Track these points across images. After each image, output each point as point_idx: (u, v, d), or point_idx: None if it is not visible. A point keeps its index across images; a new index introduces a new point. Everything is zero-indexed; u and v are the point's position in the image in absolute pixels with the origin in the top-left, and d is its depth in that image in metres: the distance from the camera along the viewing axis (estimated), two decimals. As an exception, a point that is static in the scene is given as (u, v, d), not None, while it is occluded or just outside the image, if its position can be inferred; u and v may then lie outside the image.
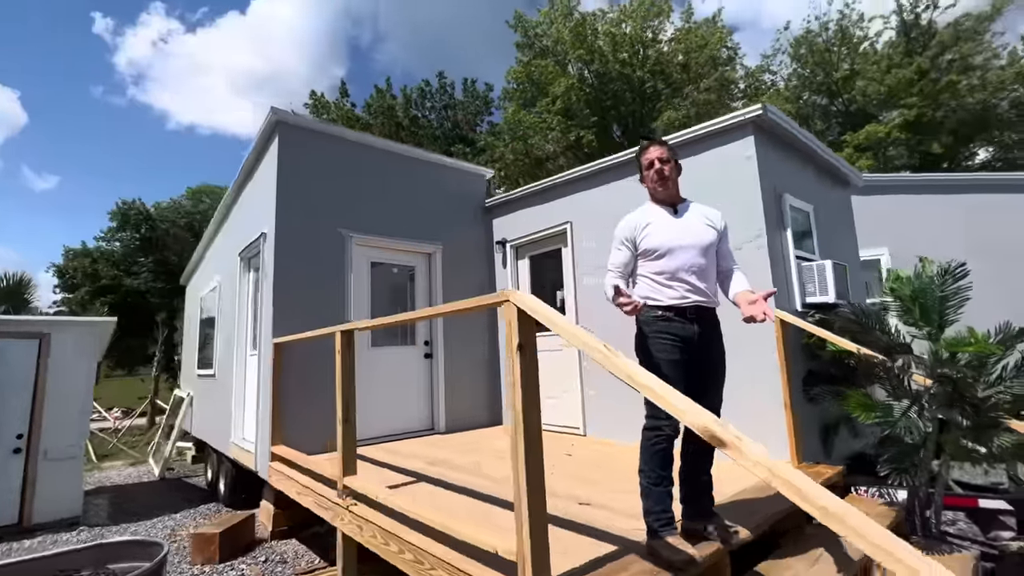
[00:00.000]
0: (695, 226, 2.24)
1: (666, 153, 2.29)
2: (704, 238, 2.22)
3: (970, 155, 20.38)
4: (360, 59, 56.51)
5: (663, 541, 1.93)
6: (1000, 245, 6.58)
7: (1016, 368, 2.64)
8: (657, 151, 2.29)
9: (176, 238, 35.42)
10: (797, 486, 1.10)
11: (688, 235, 2.21)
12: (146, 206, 35.98)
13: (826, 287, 3.81)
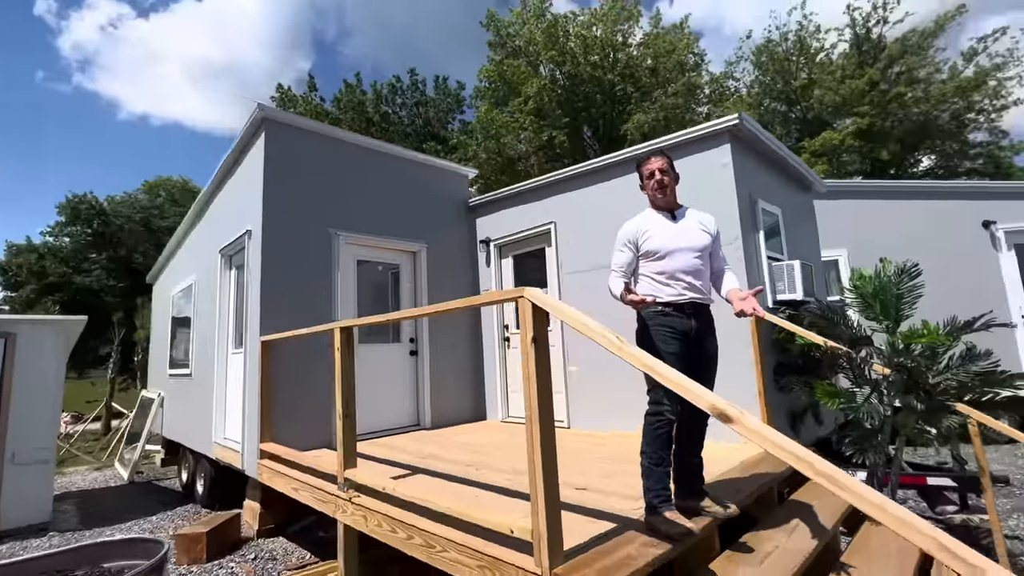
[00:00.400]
0: (691, 231, 2.44)
1: (667, 164, 2.48)
2: (699, 241, 2.42)
3: (915, 162, 21.72)
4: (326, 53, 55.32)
5: (662, 516, 2.11)
6: (944, 246, 7.14)
7: (961, 357, 2.97)
8: (658, 162, 2.48)
9: (132, 233, 33.95)
10: (794, 452, 1.28)
11: (685, 239, 2.40)
12: (99, 200, 34.32)
13: (795, 285, 4.11)
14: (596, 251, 4.80)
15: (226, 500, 5.73)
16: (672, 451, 2.26)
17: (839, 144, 19.42)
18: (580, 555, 1.95)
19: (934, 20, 19.44)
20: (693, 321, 2.33)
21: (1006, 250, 7.03)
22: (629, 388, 3.92)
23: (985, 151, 20.22)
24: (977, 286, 6.95)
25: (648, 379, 2.30)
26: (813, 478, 1.25)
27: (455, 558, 2.24)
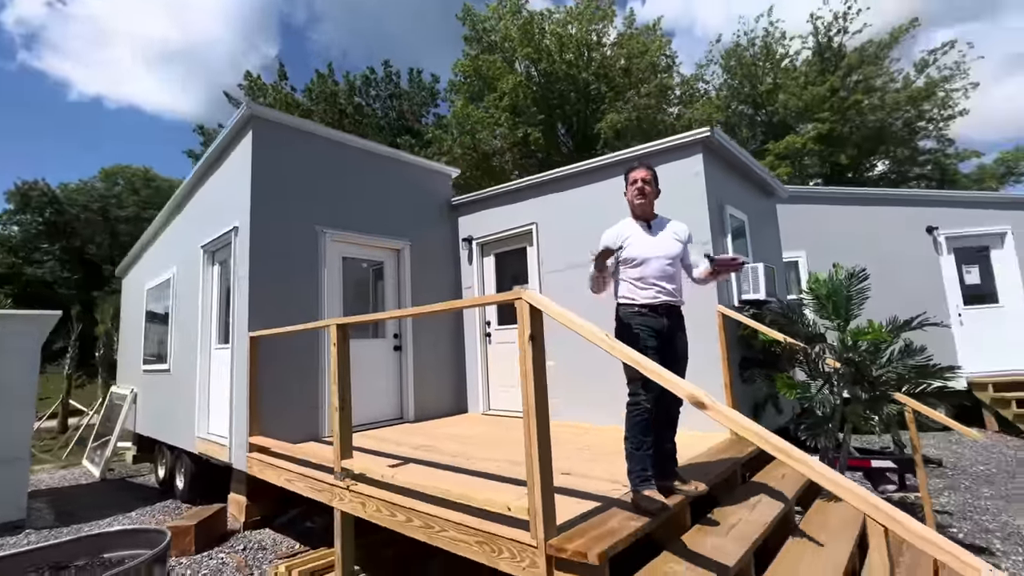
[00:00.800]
0: (665, 240, 2.71)
1: (650, 176, 2.74)
2: (672, 250, 2.70)
3: (870, 166, 22.87)
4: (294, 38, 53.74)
5: (642, 494, 2.38)
6: (894, 249, 7.71)
7: (901, 352, 3.35)
8: (643, 172, 2.75)
9: (88, 223, 32.50)
10: (756, 431, 1.54)
11: (659, 248, 2.68)
12: (51, 187, 32.68)
13: (758, 286, 4.46)
14: (575, 251, 5.05)
15: (207, 494, 5.76)
16: (651, 436, 2.52)
17: (801, 148, 20.30)
18: (570, 529, 2.19)
19: (889, 32, 20.49)
20: (666, 320, 2.61)
21: (946, 254, 7.66)
22: (603, 382, 4.20)
23: (933, 158, 21.49)
24: (922, 287, 7.55)
25: (627, 372, 2.57)
26: (771, 452, 1.51)
27: (454, 536, 2.45)
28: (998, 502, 4.50)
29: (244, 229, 4.77)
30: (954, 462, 5.79)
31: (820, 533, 2.79)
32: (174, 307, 6.49)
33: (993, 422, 7.05)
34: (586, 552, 1.94)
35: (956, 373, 3.30)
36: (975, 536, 3.81)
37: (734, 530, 2.50)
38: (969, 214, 7.73)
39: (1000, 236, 7.63)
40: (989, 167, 22.19)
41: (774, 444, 1.54)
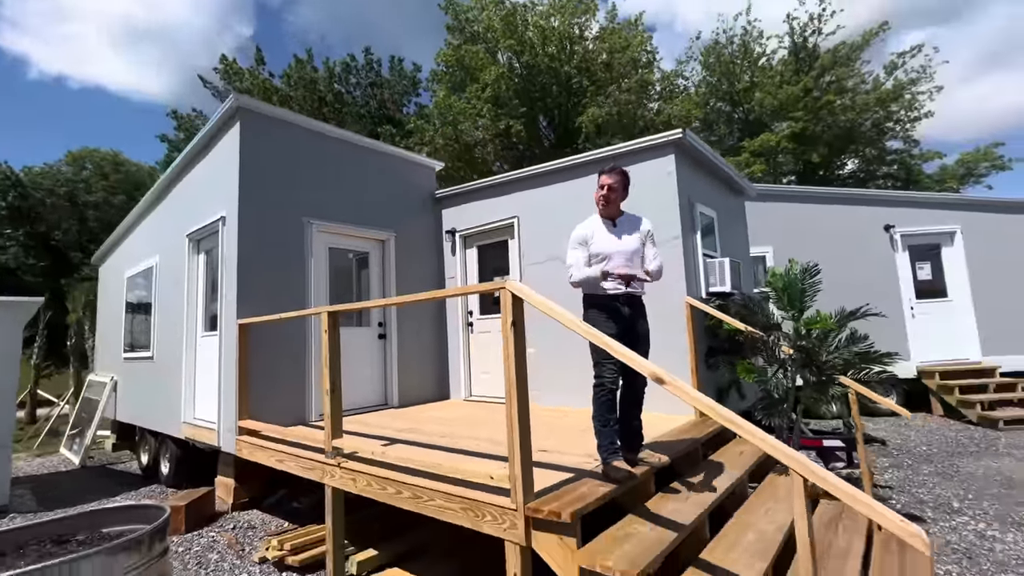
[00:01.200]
0: (626, 238, 2.97)
1: (618, 183, 2.98)
2: (631, 246, 2.96)
3: (841, 165, 23.66)
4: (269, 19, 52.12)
5: (611, 464, 2.65)
6: (855, 245, 8.17)
7: (846, 340, 3.69)
8: (610, 179, 2.98)
9: (54, 208, 31.43)
10: (703, 401, 1.81)
11: (621, 244, 2.94)
12: (14, 170, 31.44)
13: (724, 279, 4.77)
14: (555, 245, 5.29)
15: (193, 479, 5.88)
16: (616, 413, 2.79)
17: (775, 145, 20.90)
18: (546, 495, 2.44)
19: (861, 35, 21.15)
20: (627, 309, 2.88)
21: (901, 250, 8.15)
22: (580, 370, 4.43)
23: (899, 158, 22.36)
24: (879, 281, 8.03)
25: (593, 356, 2.83)
26: (718, 420, 1.78)
27: (441, 505, 2.69)
28: (935, 478, 4.94)
29: (232, 219, 4.87)
30: (900, 444, 6.26)
31: (769, 501, 3.11)
32: (157, 295, 6.53)
33: (939, 407, 7.60)
34: (560, 512, 2.19)
35: (895, 359, 3.65)
36: (911, 507, 4.22)
37: (692, 497, 2.79)
38: (924, 214, 8.23)
39: (951, 235, 8.15)
40: (950, 168, 23.11)
41: (721, 414, 1.81)
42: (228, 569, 3.73)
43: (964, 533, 3.71)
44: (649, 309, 3.10)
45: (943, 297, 8.14)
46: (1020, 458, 5.51)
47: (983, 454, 5.71)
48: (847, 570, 2.65)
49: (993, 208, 8.27)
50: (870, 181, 22.89)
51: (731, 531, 2.72)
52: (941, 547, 3.51)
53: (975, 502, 4.30)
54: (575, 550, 2.17)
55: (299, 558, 3.62)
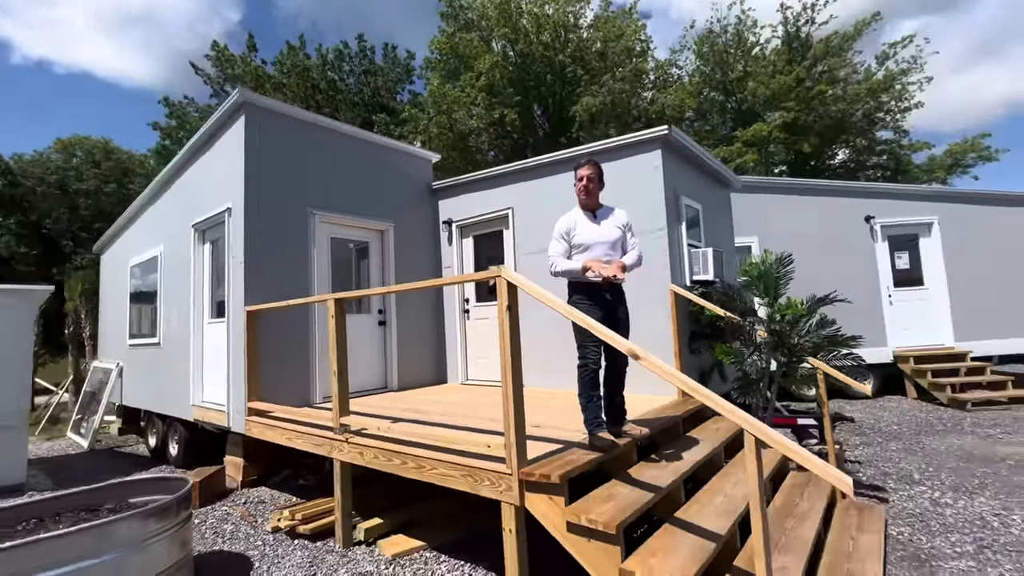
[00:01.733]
0: (607, 228, 3.23)
1: (595, 173, 3.23)
2: (612, 236, 3.22)
3: (832, 155, 23.94)
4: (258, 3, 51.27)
5: (596, 435, 2.94)
6: (837, 235, 8.48)
7: (816, 325, 3.98)
8: (588, 171, 3.24)
9: (45, 197, 31.20)
10: (675, 375, 2.09)
11: (602, 235, 3.21)
12: (3, 158, 31.14)
13: (707, 268, 5.05)
14: (547, 236, 5.50)
15: (201, 459, 6.14)
16: (599, 390, 3.08)
17: (768, 135, 21.11)
18: (538, 462, 2.73)
19: (853, 25, 21.31)
20: (608, 295, 3.14)
21: (881, 241, 8.47)
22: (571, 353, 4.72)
23: (889, 148, 22.66)
24: (859, 270, 8.36)
25: (577, 338, 3.10)
26: (686, 390, 2.06)
27: (443, 472, 2.98)
28: (901, 453, 5.30)
29: (238, 210, 5.08)
30: (873, 424, 6.63)
31: (740, 471, 3.42)
32: (163, 283, 6.74)
33: (912, 390, 7.98)
34: (550, 475, 2.48)
35: (861, 342, 3.94)
36: (875, 479, 4.57)
37: (670, 466, 3.09)
38: (903, 205, 8.54)
39: (928, 226, 8.48)
40: (939, 158, 23.48)
41: (689, 385, 2.09)
42: (243, 538, 4.01)
43: (920, 501, 4.06)
44: (635, 296, 3.38)
45: (920, 285, 8.48)
46: (982, 436, 5.88)
47: (948, 432, 6.08)
48: (806, 527, 2.97)
49: (968, 200, 8.59)
50: (860, 171, 23.21)
51: (703, 496, 3.02)
52: (897, 513, 3.85)
53: (934, 474, 4.65)
54: (563, 507, 2.46)
55: (310, 527, 3.91)
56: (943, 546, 3.29)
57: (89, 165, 32.37)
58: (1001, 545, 3.26)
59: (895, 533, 3.50)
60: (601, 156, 5.22)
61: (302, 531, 3.89)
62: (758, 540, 1.88)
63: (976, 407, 7.15)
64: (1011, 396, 7.30)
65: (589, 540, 2.36)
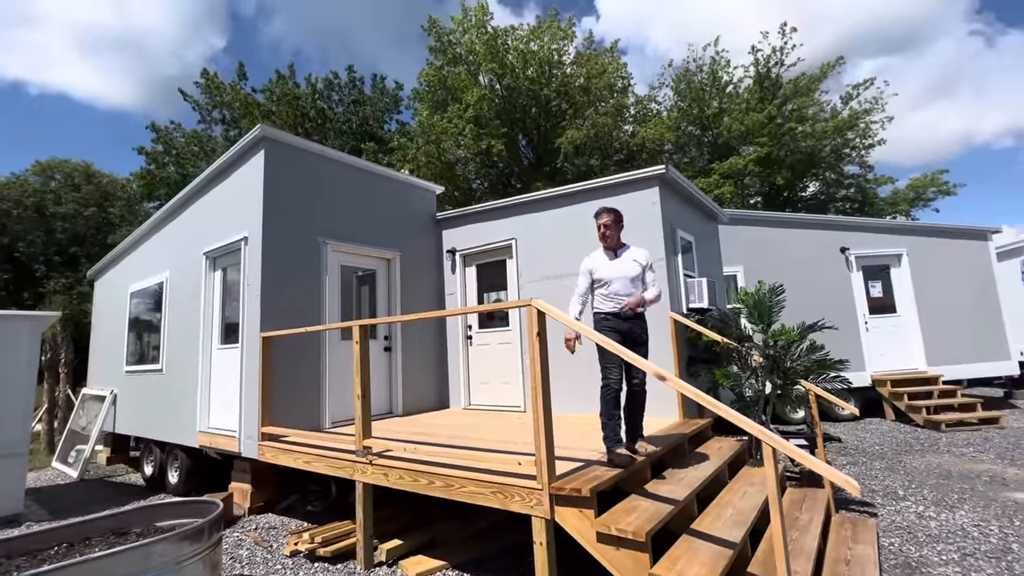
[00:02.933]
0: (625, 265, 3.56)
1: (611, 220, 3.60)
2: (631, 272, 3.55)
3: (803, 187, 25.13)
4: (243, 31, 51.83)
5: (615, 452, 3.17)
6: (816, 266, 8.99)
7: (807, 349, 4.32)
8: (604, 218, 3.61)
9: (20, 219, 30.52)
10: (697, 393, 2.35)
11: (620, 271, 3.53)
12: (-22, 180, 30.50)
13: (702, 297, 5.39)
14: (549, 265, 5.85)
15: (203, 487, 6.11)
16: (620, 410, 3.33)
17: (743, 168, 22.14)
18: (564, 478, 2.94)
19: (819, 67, 22.75)
20: (627, 324, 3.43)
21: (856, 271, 9.02)
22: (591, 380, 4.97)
23: (856, 182, 23.94)
24: (838, 298, 8.85)
25: (601, 362, 3.36)
26: (705, 405, 2.32)
27: (472, 490, 3.15)
28: (885, 472, 5.62)
29: (255, 239, 5.26)
30: (857, 444, 6.97)
31: (745, 486, 3.67)
32: (168, 309, 6.78)
33: (891, 412, 8.39)
34: (580, 488, 2.69)
35: (847, 366, 4.29)
36: (863, 496, 4.86)
37: (682, 481, 3.32)
38: (875, 238, 9.14)
39: (898, 257, 9.07)
40: (902, 192, 24.87)
41: (705, 398, 2.35)
42: (261, 562, 4.06)
43: (906, 515, 4.35)
44: (639, 323, 3.67)
45: (893, 312, 9.01)
46: (957, 455, 6.26)
47: (927, 452, 6.45)
48: (808, 538, 3.22)
49: (934, 233, 9.24)
50: (830, 203, 24.38)
51: (714, 509, 3.25)
52: (887, 526, 4.12)
53: (917, 490, 4.96)
54: (593, 519, 2.66)
55: (329, 549, 3.99)
56: (930, 555, 3.56)
57: (68, 188, 31.91)
58: (983, 553, 3.55)
59: (886, 544, 3.77)
60: (603, 192, 5.60)
61: (322, 553, 3.96)
62: (778, 537, 2.11)
63: (950, 428, 7.57)
64: (980, 417, 7.75)
65: (618, 548, 2.56)
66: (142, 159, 24.10)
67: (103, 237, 29.64)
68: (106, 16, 55.82)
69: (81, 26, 57.33)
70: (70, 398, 12.38)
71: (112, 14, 55.50)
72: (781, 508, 2.16)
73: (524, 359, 6.09)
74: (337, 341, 5.87)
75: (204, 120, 24.35)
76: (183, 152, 23.86)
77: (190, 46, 52.31)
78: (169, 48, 52.10)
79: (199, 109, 24.31)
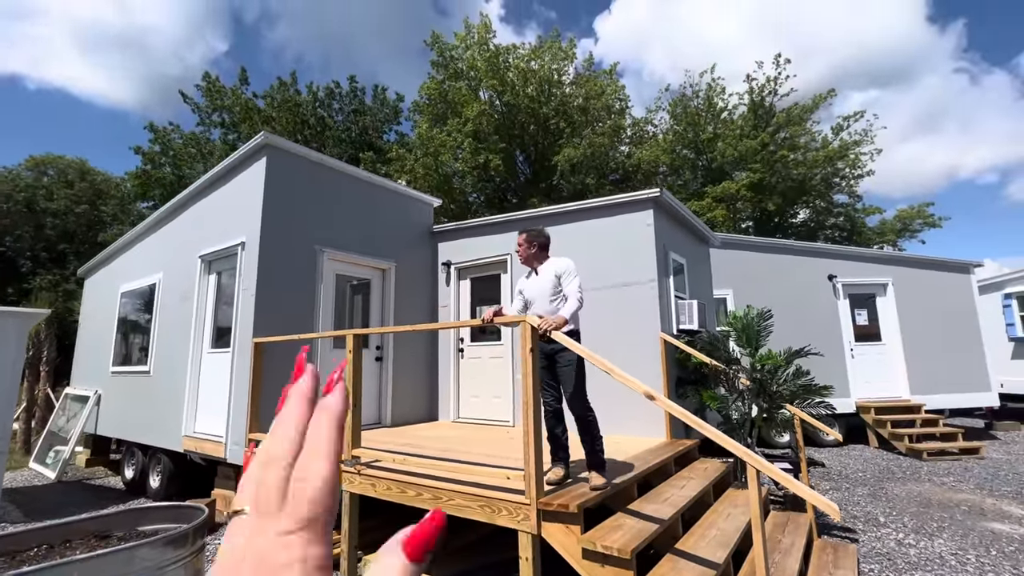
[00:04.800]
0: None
1: (522, 240, 3.77)
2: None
3: (794, 214, 25.58)
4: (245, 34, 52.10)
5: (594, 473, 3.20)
6: (803, 292, 9.15)
7: (792, 374, 4.40)
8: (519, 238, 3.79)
9: (9, 214, 30.18)
10: (683, 412, 2.40)
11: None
12: (-32, 173, 30.19)
13: (692, 318, 5.48)
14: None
15: (184, 493, 6.05)
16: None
17: (735, 193, 22.53)
18: (552, 493, 2.97)
19: (812, 98, 23.35)
20: None
21: (843, 298, 9.19)
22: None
23: (845, 211, 24.43)
24: (824, 325, 8.99)
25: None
26: (689, 424, 2.38)
27: (460, 503, 3.16)
28: (867, 499, 5.68)
29: (252, 245, 5.28)
30: (840, 470, 7.05)
31: (729, 507, 3.72)
32: (158, 311, 6.75)
33: (874, 439, 8.50)
34: (568, 504, 2.72)
35: (831, 392, 4.37)
36: (845, 521, 4.92)
37: (667, 501, 3.36)
38: (861, 267, 9.34)
39: (884, 286, 9.26)
40: (889, 222, 25.44)
41: (692, 419, 2.41)
42: (243, 571, 4.01)
43: (887, 541, 4.41)
44: (629, 342, 3.73)
45: (878, 340, 9.17)
46: (938, 483, 6.35)
47: (908, 480, 6.53)
48: (790, 561, 3.26)
49: (919, 265, 9.46)
50: (820, 230, 24.81)
51: (698, 529, 3.29)
52: (867, 552, 4.18)
53: (898, 518, 5.03)
54: (579, 536, 2.69)
55: (313, 559, 3.95)
56: (909, 582, 3.62)
57: (61, 184, 31.66)
58: (958, 581, 3.61)
59: (867, 569, 3.82)
60: (598, 212, 5.71)
61: (305, 564, 3.93)
62: (760, 559, 2.16)
63: (931, 456, 7.68)
64: (961, 447, 7.87)
65: (603, 566, 2.59)
66: (138, 159, 24.02)
67: (94, 235, 29.36)
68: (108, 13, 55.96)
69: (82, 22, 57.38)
70: (50, 397, 12.17)
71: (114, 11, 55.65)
72: (764, 530, 2.21)
73: (515, 374, 6.13)
74: (329, 349, 5.87)
75: (203, 123, 24.40)
76: (180, 153, 23.84)
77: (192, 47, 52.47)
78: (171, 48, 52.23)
79: (199, 111, 24.36)
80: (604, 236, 5.65)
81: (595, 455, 3.26)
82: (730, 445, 2.28)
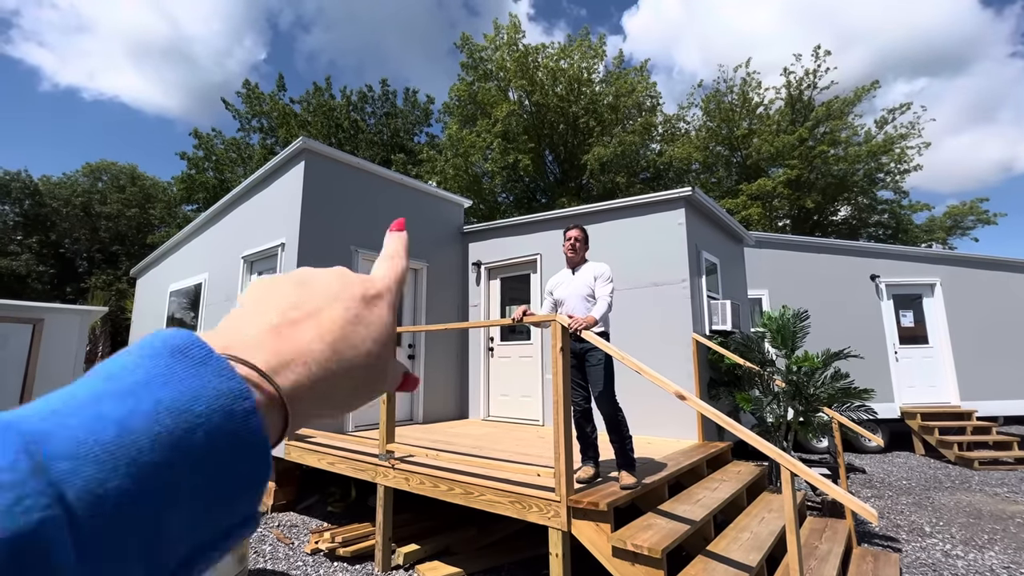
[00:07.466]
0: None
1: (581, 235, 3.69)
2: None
3: (834, 211, 24.66)
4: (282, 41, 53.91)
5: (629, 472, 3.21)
6: (843, 292, 8.84)
7: (831, 377, 4.28)
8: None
9: (67, 218, 32.09)
10: (716, 413, 2.39)
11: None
12: (32, 179, 32.29)
13: (726, 319, 5.39)
14: (575, 281, 5.92)
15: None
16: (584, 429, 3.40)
17: (772, 190, 21.87)
18: (580, 492, 2.99)
19: (854, 91, 22.45)
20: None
21: (886, 299, 8.82)
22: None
23: (889, 208, 23.38)
24: (866, 326, 8.67)
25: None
26: (723, 425, 2.36)
27: (491, 499, 3.22)
28: (911, 507, 5.46)
29: (292, 245, 5.49)
30: (883, 478, 6.78)
31: (763, 511, 3.65)
32: (204, 309, 7.08)
33: (920, 446, 8.14)
34: (598, 502, 2.74)
35: (872, 395, 4.23)
36: (887, 530, 4.74)
37: (699, 503, 3.33)
38: (906, 266, 8.94)
39: (931, 286, 8.85)
40: (939, 219, 24.21)
41: (723, 419, 2.39)
42: (283, 558, 4.19)
43: (932, 552, 4.23)
44: (658, 343, 3.71)
45: (925, 343, 8.77)
46: (990, 494, 6.04)
47: (957, 489, 6.24)
48: (827, 568, 3.18)
49: (970, 264, 9.00)
50: (862, 228, 23.84)
51: (731, 532, 3.25)
52: (911, 562, 4.03)
53: (945, 528, 4.82)
54: (609, 534, 2.71)
55: (349, 550, 4.09)
56: (955, 594, 3.47)
57: (114, 189, 33.46)
58: (1010, 595, 3.44)
59: (909, 580, 3.69)
60: (629, 211, 5.68)
61: (342, 553, 4.07)
62: (794, 564, 2.13)
63: (983, 466, 7.30)
64: (1017, 457, 7.45)
65: (633, 564, 2.60)
66: (183, 163, 25.15)
67: (143, 237, 30.95)
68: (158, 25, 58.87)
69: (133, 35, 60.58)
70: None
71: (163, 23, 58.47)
72: (799, 535, 2.18)
73: (544, 373, 6.16)
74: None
75: (243, 128, 25.35)
76: (222, 158, 24.84)
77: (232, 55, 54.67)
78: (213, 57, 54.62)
79: (239, 117, 25.32)
80: (635, 236, 5.62)
81: (625, 455, 3.26)
82: (763, 446, 2.26)
